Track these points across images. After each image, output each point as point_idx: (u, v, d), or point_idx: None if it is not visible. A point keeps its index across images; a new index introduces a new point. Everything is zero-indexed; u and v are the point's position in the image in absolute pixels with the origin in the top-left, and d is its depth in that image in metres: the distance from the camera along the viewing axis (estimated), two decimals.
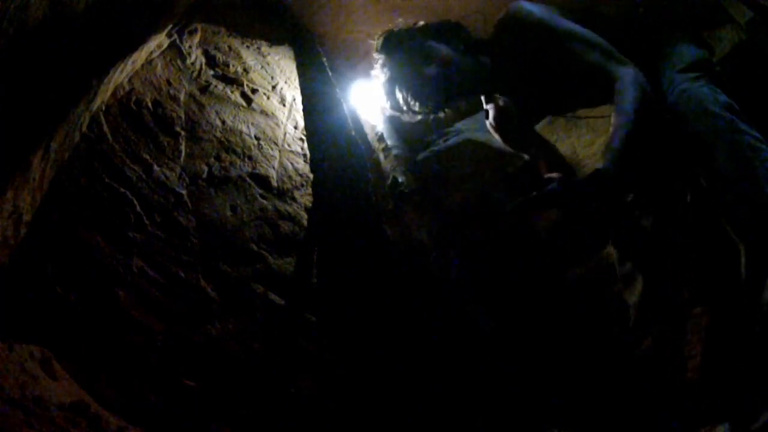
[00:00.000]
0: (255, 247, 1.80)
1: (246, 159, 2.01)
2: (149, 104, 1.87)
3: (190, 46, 2.14)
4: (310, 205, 2.05)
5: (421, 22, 1.82)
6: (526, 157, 2.11)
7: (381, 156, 2.61)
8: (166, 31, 1.93)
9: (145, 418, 1.28)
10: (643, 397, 1.43)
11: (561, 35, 1.56)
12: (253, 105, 2.21)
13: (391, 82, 1.76)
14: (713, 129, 1.44)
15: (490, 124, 1.87)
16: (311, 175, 2.15)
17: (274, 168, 2.07)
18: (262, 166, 2.03)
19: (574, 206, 1.52)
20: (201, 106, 2.02)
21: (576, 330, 1.94)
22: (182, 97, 1.99)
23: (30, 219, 1.39)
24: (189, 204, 1.76)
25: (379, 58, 1.79)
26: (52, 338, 1.28)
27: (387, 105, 1.82)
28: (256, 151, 2.07)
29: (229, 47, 2.32)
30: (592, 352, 1.84)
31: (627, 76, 1.46)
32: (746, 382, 1.28)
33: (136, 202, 1.64)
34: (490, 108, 1.85)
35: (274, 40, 2.53)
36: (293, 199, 2.03)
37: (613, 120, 1.42)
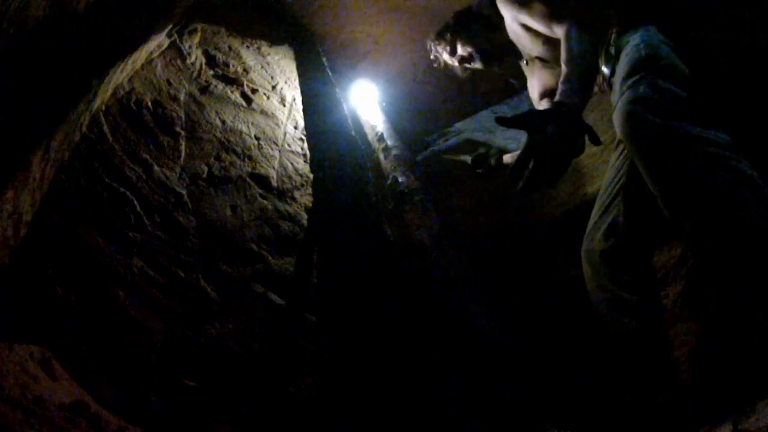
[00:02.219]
0: (255, 247, 1.80)
1: (246, 159, 2.01)
2: (149, 104, 1.87)
3: (190, 46, 2.14)
4: (310, 205, 2.05)
5: None
6: None
7: (381, 156, 2.61)
8: (166, 31, 1.93)
9: (145, 418, 1.28)
10: (643, 397, 1.43)
11: None
12: (253, 105, 2.20)
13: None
14: (658, 157, 1.28)
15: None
16: (311, 175, 2.15)
17: (274, 168, 2.07)
18: (262, 166, 2.03)
19: (538, 129, 1.50)
20: (201, 106, 2.02)
21: (576, 330, 1.94)
22: (182, 97, 1.99)
23: (30, 219, 1.39)
24: (189, 204, 1.76)
25: None
26: (52, 338, 1.28)
27: None
28: (256, 151, 2.07)
29: (229, 47, 2.32)
30: (592, 351, 1.84)
31: None
32: (746, 382, 1.28)
33: (136, 202, 1.64)
34: None
35: (274, 40, 2.53)
36: (293, 199, 2.03)
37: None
